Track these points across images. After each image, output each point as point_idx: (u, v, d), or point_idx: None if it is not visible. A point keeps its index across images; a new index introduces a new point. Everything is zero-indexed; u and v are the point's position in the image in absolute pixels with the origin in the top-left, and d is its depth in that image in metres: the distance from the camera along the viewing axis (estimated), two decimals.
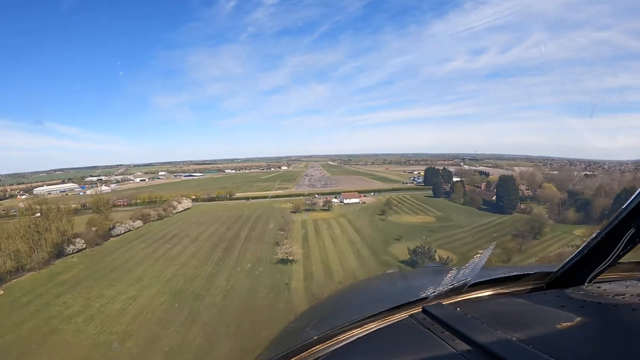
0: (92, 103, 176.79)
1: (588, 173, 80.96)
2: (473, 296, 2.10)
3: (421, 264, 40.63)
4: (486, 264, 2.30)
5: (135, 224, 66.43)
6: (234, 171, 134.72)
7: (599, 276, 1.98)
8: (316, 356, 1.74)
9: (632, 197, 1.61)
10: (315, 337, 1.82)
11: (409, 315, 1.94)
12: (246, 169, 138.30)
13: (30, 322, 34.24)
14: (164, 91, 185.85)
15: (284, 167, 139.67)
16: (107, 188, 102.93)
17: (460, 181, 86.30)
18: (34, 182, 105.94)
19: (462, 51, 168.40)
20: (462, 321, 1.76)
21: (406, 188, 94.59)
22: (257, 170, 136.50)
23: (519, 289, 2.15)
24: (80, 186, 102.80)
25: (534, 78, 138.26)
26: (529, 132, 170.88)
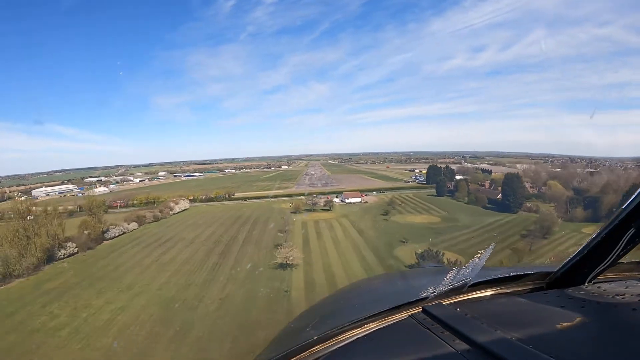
0: (92, 104, 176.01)
1: (591, 170, 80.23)
2: (473, 296, 2.09)
3: None
4: (486, 263, 2.25)
5: (130, 227, 64.52)
6: (234, 171, 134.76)
7: (599, 276, 1.98)
8: (316, 356, 1.74)
9: (632, 197, 1.61)
10: (315, 337, 1.81)
11: (409, 315, 1.94)
12: (246, 168, 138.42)
13: (12, 335, 32.19)
14: (164, 91, 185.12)
15: (284, 166, 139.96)
16: (106, 189, 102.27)
17: (464, 179, 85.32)
18: (33, 184, 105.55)
19: (462, 49, 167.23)
20: (462, 321, 1.75)
21: (408, 187, 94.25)
22: (257, 169, 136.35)
23: (519, 289, 2.14)
24: (79, 187, 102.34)
25: (534, 75, 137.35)
26: (529, 130, 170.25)
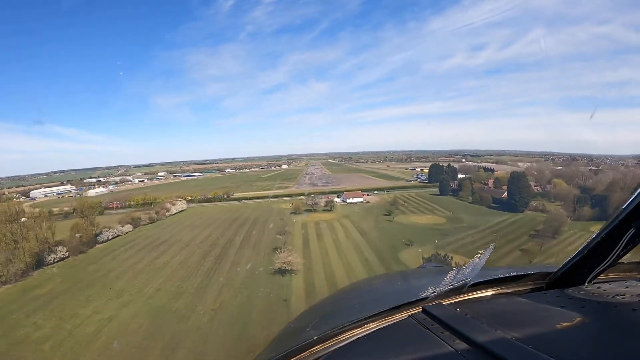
0: (92, 104, 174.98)
1: (593, 168, 79.02)
2: (473, 296, 2.09)
3: None
4: (486, 264, 2.24)
5: (124, 229, 62.35)
6: (233, 170, 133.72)
7: (599, 276, 1.97)
8: (316, 356, 1.73)
9: (632, 197, 1.60)
10: (315, 337, 1.81)
11: (409, 316, 1.93)
12: (246, 168, 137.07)
13: None
14: (164, 91, 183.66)
15: (284, 166, 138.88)
16: (104, 189, 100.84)
17: (467, 178, 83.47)
18: (33, 185, 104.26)
19: (462, 47, 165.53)
20: (462, 321, 1.75)
21: (410, 186, 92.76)
22: (257, 169, 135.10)
23: (519, 289, 2.13)
24: (78, 188, 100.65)
25: (534, 74, 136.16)
26: (529, 128, 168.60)
